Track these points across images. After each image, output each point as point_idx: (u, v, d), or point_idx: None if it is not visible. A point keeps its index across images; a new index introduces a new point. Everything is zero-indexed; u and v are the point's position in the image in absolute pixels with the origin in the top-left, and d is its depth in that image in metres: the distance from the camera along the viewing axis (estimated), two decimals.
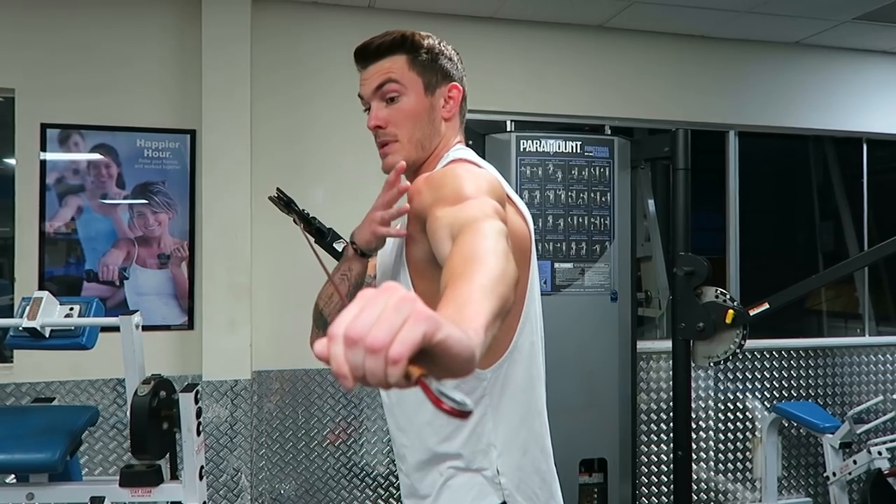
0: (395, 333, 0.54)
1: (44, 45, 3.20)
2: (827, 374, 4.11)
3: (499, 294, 0.73)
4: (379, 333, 0.53)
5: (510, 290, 0.77)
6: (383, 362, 0.54)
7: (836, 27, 3.80)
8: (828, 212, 4.60)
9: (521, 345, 1.16)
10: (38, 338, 2.03)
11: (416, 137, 1.24)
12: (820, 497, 4.03)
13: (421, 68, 1.24)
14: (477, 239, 0.84)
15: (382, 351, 0.53)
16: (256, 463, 3.34)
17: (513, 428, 1.15)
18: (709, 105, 3.98)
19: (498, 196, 1.06)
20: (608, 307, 3.14)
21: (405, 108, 1.23)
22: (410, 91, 1.23)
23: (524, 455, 1.16)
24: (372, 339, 0.53)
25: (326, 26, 3.47)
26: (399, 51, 1.24)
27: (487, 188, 1.04)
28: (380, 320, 0.54)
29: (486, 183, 1.06)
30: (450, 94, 1.27)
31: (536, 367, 1.21)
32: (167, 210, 3.32)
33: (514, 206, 1.17)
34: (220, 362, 3.20)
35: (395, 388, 0.56)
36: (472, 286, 0.72)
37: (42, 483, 2.07)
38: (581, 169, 3.13)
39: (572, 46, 3.80)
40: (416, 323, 0.54)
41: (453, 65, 1.28)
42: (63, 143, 3.23)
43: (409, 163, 1.23)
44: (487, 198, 0.99)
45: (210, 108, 3.24)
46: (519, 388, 1.16)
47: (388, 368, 0.54)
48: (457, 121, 1.30)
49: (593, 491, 3.10)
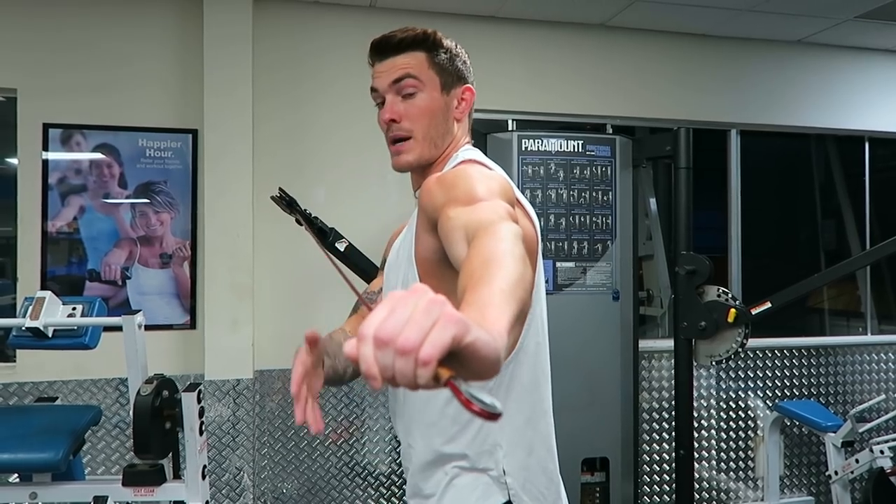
0: (426, 335, 0.54)
1: (46, 44, 3.21)
2: (829, 373, 4.11)
3: (518, 297, 0.73)
4: (410, 335, 0.54)
5: (528, 294, 0.78)
6: (413, 364, 0.54)
7: (838, 25, 3.80)
8: (830, 210, 4.59)
9: (527, 345, 1.16)
10: (40, 337, 2.04)
11: (430, 135, 1.24)
12: (822, 496, 4.03)
13: (439, 68, 1.25)
14: (494, 242, 0.84)
15: (413, 353, 0.54)
16: (259, 462, 3.34)
17: (518, 428, 1.15)
18: (710, 104, 3.98)
19: (508, 198, 1.06)
20: (610, 306, 3.13)
21: (422, 104, 1.23)
22: (428, 88, 1.23)
23: (530, 455, 1.16)
24: (403, 340, 0.54)
25: (328, 25, 3.47)
26: (420, 48, 1.24)
27: (499, 190, 1.04)
28: (410, 322, 0.55)
29: (496, 185, 1.06)
30: (463, 96, 1.28)
31: (542, 366, 1.21)
32: (169, 209, 3.32)
33: (521, 207, 1.17)
34: (223, 362, 3.21)
35: (424, 389, 0.56)
36: (493, 289, 0.72)
37: (45, 482, 2.08)
38: (583, 168, 3.13)
39: (574, 45, 3.80)
40: (447, 325, 0.55)
41: (466, 67, 1.30)
42: (65, 142, 3.23)
43: (421, 161, 1.24)
44: (499, 200, 1.00)
45: (212, 107, 3.24)
46: (524, 388, 1.16)
47: (419, 370, 0.54)
48: (466, 122, 1.32)
49: (595, 490, 3.10)
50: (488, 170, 1.17)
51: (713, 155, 4.06)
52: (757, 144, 4.18)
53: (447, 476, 1.15)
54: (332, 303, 3.37)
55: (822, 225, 4.65)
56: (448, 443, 1.14)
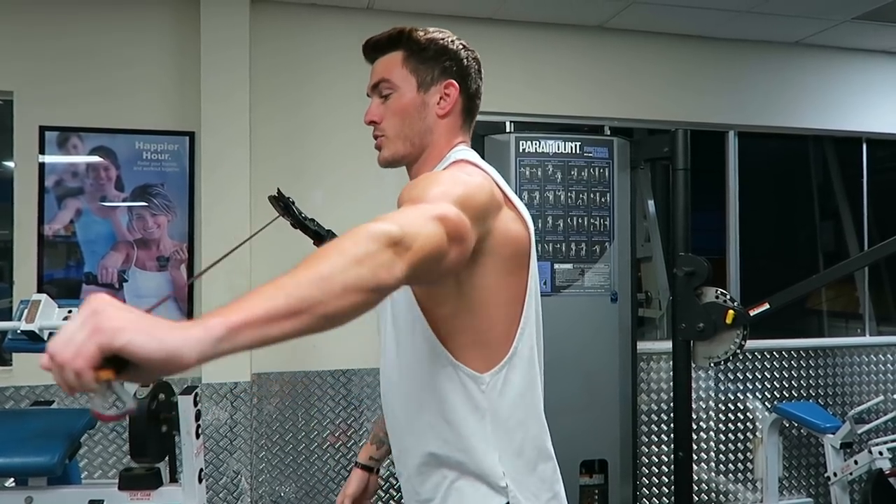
0: (78, 348, 0.63)
1: (42, 48, 3.20)
2: (828, 375, 4.10)
3: (299, 296, 0.73)
4: (64, 351, 0.63)
5: (328, 292, 0.75)
6: (73, 374, 0.63)
7: (836, 27, 3.80)
8: (828, 212, 4.59)
9: (521, 350, 1.16)
10: (36, 341, 2.02)
11: (403, 133, 1.25)
12: (821, 497, 4.02)
13: (415, 65, 1.24)
14: (344, 238, 0.81)
15: (69, 366, 0.63)
16: (256, 465, 3.33)
17: (511, 431, 1.14)
18: (708, 105, 3.98)
19: (478, 203, 1.02)
20: (608, 308, 3.13)
21: (393, 105, 1.25)
22: (402, 88, 1.24)
23: (523, 457, 1.15)
24: (60, 357, 0.64)
25: (325, 28, 3.47)
26: (395, 47, 1.26)
27: (461, 195, 0.99)
28: (70, 338, 0.64)
29: (462, 189, 1.01)
30: (446, 91, 1.26)
31: (535, 370, 1.20)
32: (166, 212, 3.32)
33: (513, 209, 1.15)
34: (220, 365, 3.17)
35: (93, 393, 0.65)
36: (276, 282, 0.74)
37: (41, 486, 2.06)
38: (580, 169, 3.13)
39: (571, 47, 3.80)
40: (93, 336, 0.63)
41: (458, 62, 1.27)
42: (62, 145, 3.22)
43: (397, 157, 1.26)
44: (447, 204, 0.94)
45: (209, 110, 3.23)
46: (518, 392, 1.15)
47: (80, 379, 0.63)
48: (457, 119, 1.28)
49: (594, 492, 3.09)
50: (474, 169, 1.15)
51: (711, 156, 4.06)
52: (755, 146, 4.18)
53: (446, 480, 1.14)
54: None
55: (820, 226, 4.65)
56: (444, 445, 1.14)
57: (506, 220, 1.12)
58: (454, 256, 0.93)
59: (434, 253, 0.87)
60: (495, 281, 1.12)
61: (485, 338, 1.13)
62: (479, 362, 1.13)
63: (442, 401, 1.13)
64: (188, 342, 0.66)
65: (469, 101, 1.30)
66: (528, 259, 1.18)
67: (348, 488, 1.47)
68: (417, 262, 0.84)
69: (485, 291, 1.11)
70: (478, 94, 1.32)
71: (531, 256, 1.19)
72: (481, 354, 1.13)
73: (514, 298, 1.15)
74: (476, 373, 1.12)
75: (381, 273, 0.79)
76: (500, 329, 1.14)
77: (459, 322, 1.12)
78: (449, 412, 1.13)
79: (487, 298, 1.12)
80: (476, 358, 1.13)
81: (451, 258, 0.92)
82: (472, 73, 1.30)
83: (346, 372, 3.45)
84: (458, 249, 0.93)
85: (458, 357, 1.12)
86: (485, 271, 1.10)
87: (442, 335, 1.13)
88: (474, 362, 1.13)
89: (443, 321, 1.13)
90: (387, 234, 0.81)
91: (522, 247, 1.16)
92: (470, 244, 0.97)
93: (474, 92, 1.31)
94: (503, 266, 1.12)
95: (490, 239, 1.08)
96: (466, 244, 0.96)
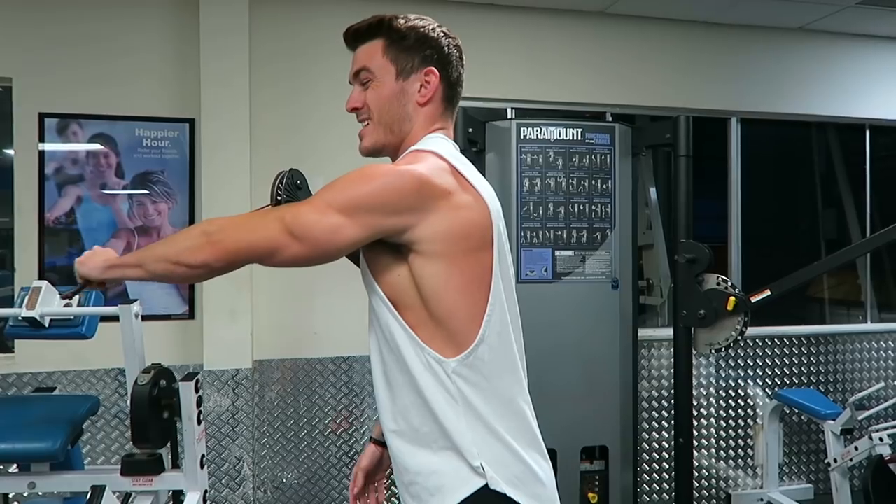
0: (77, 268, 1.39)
1: (42, 34, 3.19)
2: (828, 361, 4.11)
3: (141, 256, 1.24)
4: None
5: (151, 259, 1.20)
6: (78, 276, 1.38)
7: (840, 12, 3.77)
8: (830, 199, 4.58)
9: (488, 335, 1.16)
10: (37, 327, 2.03)
11: (384, 121, 1.27)
12: (821, 483, 4.04)
13: (396, 53, 1.25)
14: (192, 227, 1.21)
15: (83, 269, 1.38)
16: (258, 451, 3.35)
17: (484, 415, 1.15)
18: (711, 91, 3.96)
19: (384, 200, 1.10)
20: (609, 295, 3.13)
21: (373, 94, 1.27)
22: (381, 77, 1.25)
23: (499, 440, 1.16)
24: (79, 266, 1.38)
25: (325, 14, 3.45)
26: (375, 36, 1.26)
27: (356, 196, 1.10)
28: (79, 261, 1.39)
29: (364, 189, 1.10)
30: (426, 79, 1.25)
31: (509, 354, 1.21)
32: (167, 199, 3.31)
33: (471, 192, 1.16)
34: (222, 352, 3.20)
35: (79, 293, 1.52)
36: (145, 247, 1.26)
37: (44, 472, 2.08)
38: (582, 156, 3.11)
39: (573, 33, 3.77)
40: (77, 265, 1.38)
41: (439, 49, 1.26)
42: (62, 132, 3.21)
43: (378, 146, 1.29)
44: (311, 207, 1.11)
45: (209, 97, 3.22)
46: (488, 376, 1.16)
47: None
48: (437, 106, 1.28)
49: (594, 478, 3.10)
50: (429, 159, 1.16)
51: (713, 143, 4.05)
52: (757, 132, 4.16)
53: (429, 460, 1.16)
54: (329, 293, 3.37)
55: (822, 213, 4.63)
56: (425, 423, 1.16)
57: (453, 207, 1.12)
58: (297, 250, 1.10)
59: (254, 247, 1.11)
60: (445, 268, 1.12)
61: (447, 324, 1.14)
62: (448, 349, 1.14)
63: (417, 386, 1.15)
64: (94, 269, 1.33)
65: (450, 89, 1.29)
66: (491, 242, 1.17)
67: (362, 461, 1.47)
68: (224, 254, 1.11)
69: (434, 279, 1.12)
70: (459, 82, 1.31)
71: (496, 239, 1.18)
72: (448, 341, 1.14)
73: (474, 283, 1.15)
74: (443, 357, 1.14)
75: (184, 254, 1.13)
76: (463, 315, 1.14)
77: (423, 312, 1.14)
78: (428, 399, 1.15)
79: (439, 285, 1.13)
80: (444, 345, 1.14)
81: (294, 250, 1.10)
82: (453, 61, 1.29)
83: (348, 359, 3.46)
84: (301, 246, 1.10)
85: (427, 343, 1.14)
86: (428, 259, 1.12)
87: (412, 324, 1.15)
88: (445, 349, 1.14)
89: (409, 311, 1.15)
90: (204, 229, 1.14)
91: (477, 230, 1.15)
92: (332, 238, 1.10)
93: (455, 79, 1.30)
94: (452, 251, 1.13)
95: (423, 227, 1.10)
96: (318, 240, 1.10)
